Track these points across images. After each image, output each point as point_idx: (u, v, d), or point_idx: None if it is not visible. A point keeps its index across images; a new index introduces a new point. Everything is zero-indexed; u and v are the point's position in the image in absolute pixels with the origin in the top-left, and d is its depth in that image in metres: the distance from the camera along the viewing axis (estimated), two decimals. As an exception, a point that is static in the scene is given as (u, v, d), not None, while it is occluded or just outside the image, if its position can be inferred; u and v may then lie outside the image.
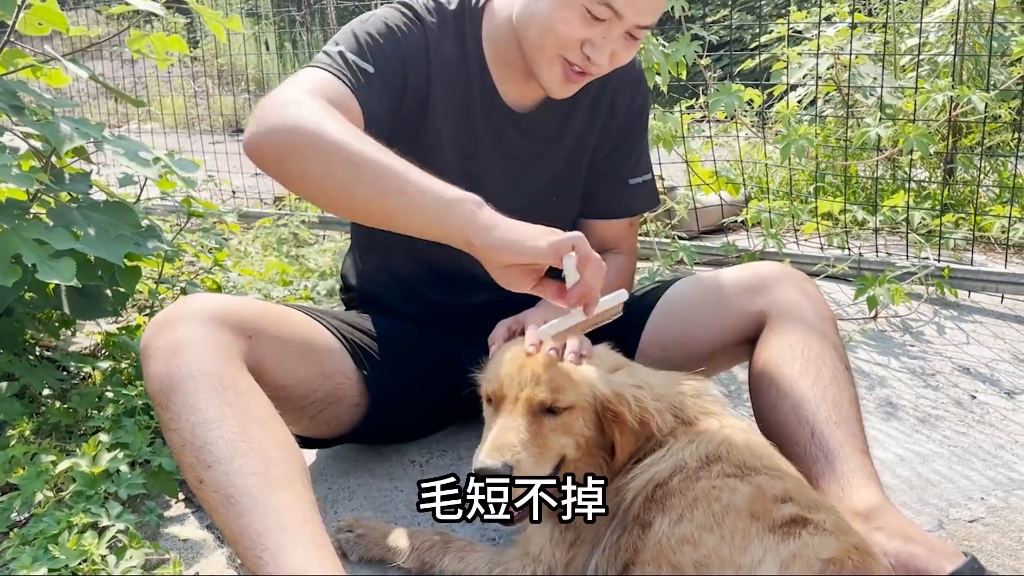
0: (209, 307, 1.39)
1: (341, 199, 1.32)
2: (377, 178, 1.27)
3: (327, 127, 1.30)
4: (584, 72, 1.56)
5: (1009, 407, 2.18)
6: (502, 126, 1.71)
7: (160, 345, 1.32)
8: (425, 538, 1.49)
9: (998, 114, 3.53)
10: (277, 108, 1.35)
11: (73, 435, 1.96)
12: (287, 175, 1.35)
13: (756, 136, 4.05)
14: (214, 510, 1.20)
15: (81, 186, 2.11)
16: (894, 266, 2.88)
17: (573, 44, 1.52)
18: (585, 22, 1.49)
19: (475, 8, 1.69)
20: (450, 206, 1.25)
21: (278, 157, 1.34)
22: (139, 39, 2.40)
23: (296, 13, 5.20)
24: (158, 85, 6.71)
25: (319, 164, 1.29)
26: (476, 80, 1.67)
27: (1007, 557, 1.55)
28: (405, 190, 1.26)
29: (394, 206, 1.27)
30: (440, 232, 1.27)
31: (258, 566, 1.14)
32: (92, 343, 2.54)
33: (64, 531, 1.47)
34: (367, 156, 1.27)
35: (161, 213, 3.66)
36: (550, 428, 1.31)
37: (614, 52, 1.53)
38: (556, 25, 1.51)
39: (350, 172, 1.28)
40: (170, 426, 1.27)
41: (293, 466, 1.25)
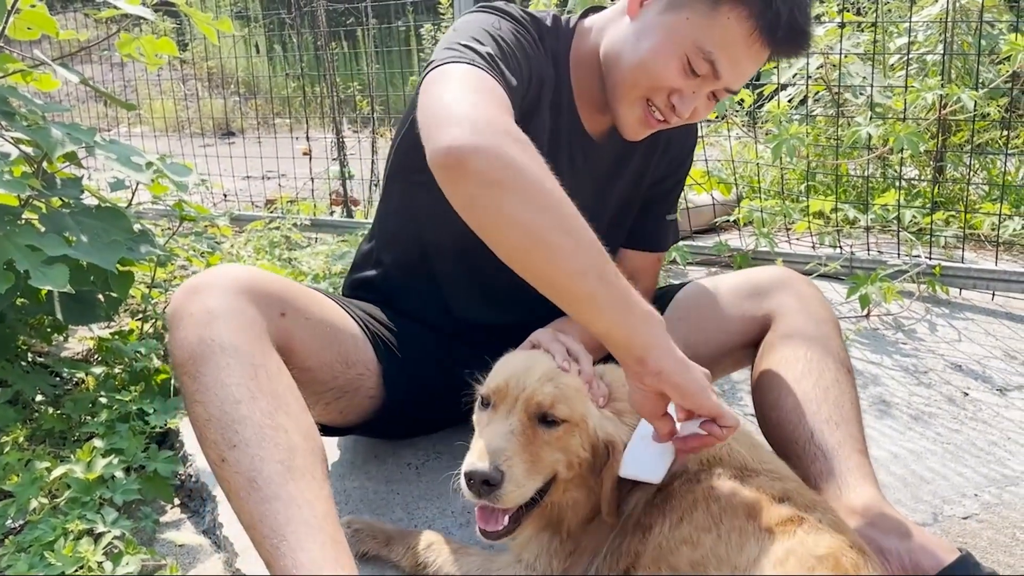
0: (244, 278, 1.36)
1: (530, 254, 1.19)
2: (587, 255, 1.18)
3: (548, 183, 1.20)
4: (663, 120, 1.54)
5: (1001, 404, 2.19)
6: (578, 152, 1.69)
7: (193, 311, 1.29)
8: (421, 538, 1.49)
9: (987, 112, 3.55)
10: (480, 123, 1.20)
11: (67, 441, 1.95)
12: (480, 201, 1.19)
13: (747, 136, 4.07)
14: (234, 492, 1.19)
15: (73, 191, 2.10)
16: (886, 264, 2.89)
17: (663, 90, 1.50)
18: (683, 72, 1.46)
19: (567, 28, 1.66)
20: (644, 318, 1.22)
21: (485, 182, 1.17)
22: (129, 42, 2.39)
23: (286, 15, 5.18)
24: (148, 88, 6.67)
25: (528, 212, 1.17)
26: (565, 104, 1.64)
27: (1001, 553, 1.56)
28: (608, 281, 1.19)
29: (587, 290, 1.19)
30: (625, 336, 1.20)
31: (274, 556, 1.14)
32: (85, 348, 2.53)
33: (60, 538, 1.46)
34: (585, 231, 1.19)
35: (152, 217, 3.66)
36: (544, 440, 1.28)
37: (696, 108, 1.52)
38: (654, 67, 1.48)
39: (564, 236, 1.17)
40: (196, 398, 1.24)
41: (315, 456, 1.24)
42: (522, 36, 1.53)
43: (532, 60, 1.53)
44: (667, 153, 1.81)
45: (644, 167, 1.79)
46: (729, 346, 1.73)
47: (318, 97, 5.98)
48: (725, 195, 3.70)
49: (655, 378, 1.21)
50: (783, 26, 1.41)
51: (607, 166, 1.74)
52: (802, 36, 1.46)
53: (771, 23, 1.41)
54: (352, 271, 1.92)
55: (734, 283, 1.75)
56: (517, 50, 1.49)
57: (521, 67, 1.48)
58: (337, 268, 3.17)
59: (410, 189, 1.72)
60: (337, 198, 4.60)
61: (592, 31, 1.63)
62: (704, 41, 1.43)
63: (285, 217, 4.00)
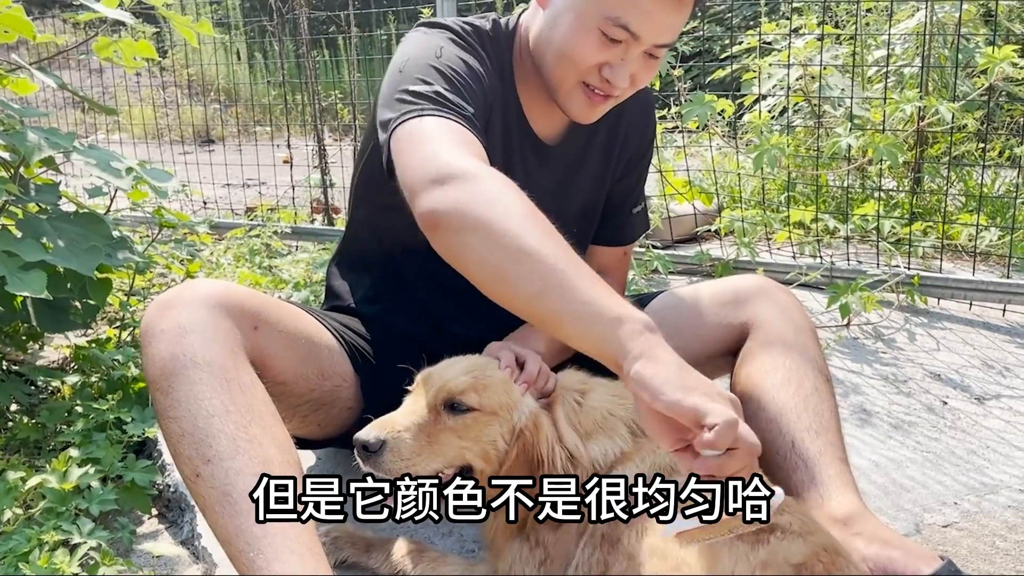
0: (217, 292, 1.35)
1: (495, 286, 1.22)
2: (541, 276, 1.16)
3: (511, 208, 1.21)
4: (607, 95, 1.54)
5: (979, 412, 2.21)
6: (531, 157, 1.68)
7: (165, 327, 1.27)
8: (399, 546, 1.48)
9: (964, 124, 3.59)
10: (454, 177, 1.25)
11: (42, 451, 1.92)
12: (453, 252, 1.25)
13: (728, 146, 4.09)
14: (208, 506, 1.17)
15: (50, 197, 2.08)
16: (865, 274, 2.91)
17: (592, 68, 1.49)
18: (602, 45, 1.46)
19: (508, 32, 1.65)
20: (611, 324, 1.11)
21: (453, 231, 1.23)
22: (107, 45, 2.37)
23: (268, 23, 5.16)
24: (127, 95, 6.63)
25: (486, 247, 1.20)
26: (513, 111, 1.64)
27: (981, 561, 1.57)
28: (567, 296, 1.14)
29: (551, 310, 1.16)
30: (595, 348, 1.14)
31: (250, 569, 1.12)
32: (61, 357, 2.49)
33: (35, 549, 1.44)
34: (539, 251, 1.17)
35: (131, 224, 3.62)
36: (448, 425, 1.31)
37: (634, 73, 1.51)
38: (573, 50, 1.48)
39: (515, 264, 1.17)
40: (169, 414, 1.23)
41: (291, 468, 1.23)
42: (467, 56, 1.53)
43: (481, 78, 1.53)
44: (627, 147, 1.81)
45: (604, 165, 1.79)
46: (706, 354, 1.72)
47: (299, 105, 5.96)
48: (706, 205, 3.72)
49: (633, 387, 1.07)
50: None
51: (564, 168, 1.74)
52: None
53: None
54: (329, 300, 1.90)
55: (711, 291, 1.75)
56: (466, 75, 1.49)
57: (474, 91, 1.48)
58: (318, 276, 3.15)
59: (378, 217, 1.74)
60: (318, 206, 4.58)
61: (523, 28, 1.64)
62: (610, 9, 1.42)
63: (265, 225, 3.97)
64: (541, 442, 1.30)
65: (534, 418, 1.32)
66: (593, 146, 1.76)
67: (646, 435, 1.33)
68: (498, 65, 1.61)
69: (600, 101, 1.55)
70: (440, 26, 1.58)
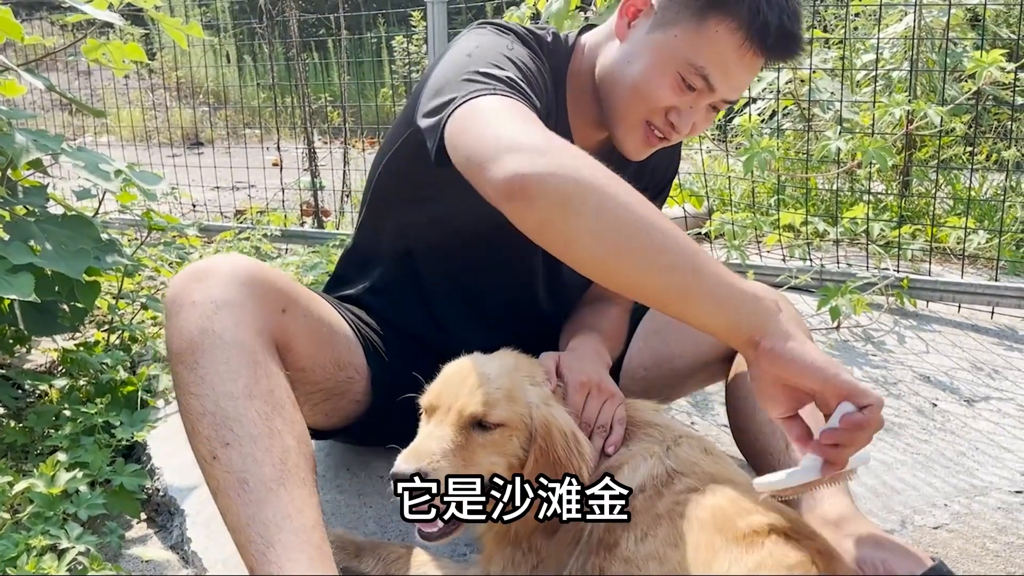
0: (250, 269, 1.32)
1: (612, 259, 1.15)
2: (671, 251, 1.13)
3: (616, 185, 1.16)
4: (664, 138, 1.54)
5: (969, 414, 2.22)
6: None
7: (196, 299, 1.25)
8: (392, 550, 1.47)
9: (953, 128, 3.62)
10: (538, 147, 1.17)
11: (30, 455, 1.90)
12: (555, 225, 1.16)
13: (718, 150, 4.10)
14: (222, 491, 1.16)
15: (38, 199, 2.06)
16: (855, 277, 2.92)
17: (660, 109, 1.49)
18: (677, 89, 1.45)
19: (566, 47, 1.64)
20: (750, 301, 1.14)
21: (553, 203, 1.14)
22: (96, 47, 2.36)
23: (257, 25, 5.15)
24: (115, 97, 6.60)
25: (605, 222, 1.13)
26: (560, 125, 1.62)
27: (971, 563, 1.58)
28: (700, 271, 1.13)
29: (681, 284, 1.14)
30: (727, 323, 1.14)
31: (259, 561, 1.11)
32: (48, 360, 2.47)
33: (22, 554, 1.42)
34: (663, 225, 1.14)
35: (120, 227, 3.60)
36: (479, 443, 1.27)
37: (695, 122, 1.51)
38: (648, 89, 1.47)
39: (643, 236, 1.13)
40: (191, 390, 1.21)
41: (306, 461, 1.22)
42: (533, 57, 1.52)
43: (545, 83, 1.52)
44: (654, 176, 1.82)
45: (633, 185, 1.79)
46: (703, 360, 1.73)
47: (289, 108, 5.95)
48: (697, 208, 3.73)
49: (769, 361, 1.13)
50: (773, 34, 1.41)
51: None
52: (794, 41, 1.45)
53: (761, 32, 1.40)
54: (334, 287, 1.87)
55: None
56: (535, 73, 1.48)
57: (540, 89, 1.47)
58: (308, 279, 3.14)
59: (401, 211, 1.69)
60: (308, 209, 4.57)
61: (586, 49, 1.63)
62: (695, 57, 1.42)
63: (255, 228, 3.96)
64: (557, 445, 1.30)
65: (545, 422, 1.31)
66: (627, 169, 1.74)
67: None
68: (552, 75, 1.60)
69: (656, 143, 1.55)
70: (507, 29, 1.55)
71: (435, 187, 1.59)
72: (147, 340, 2.54)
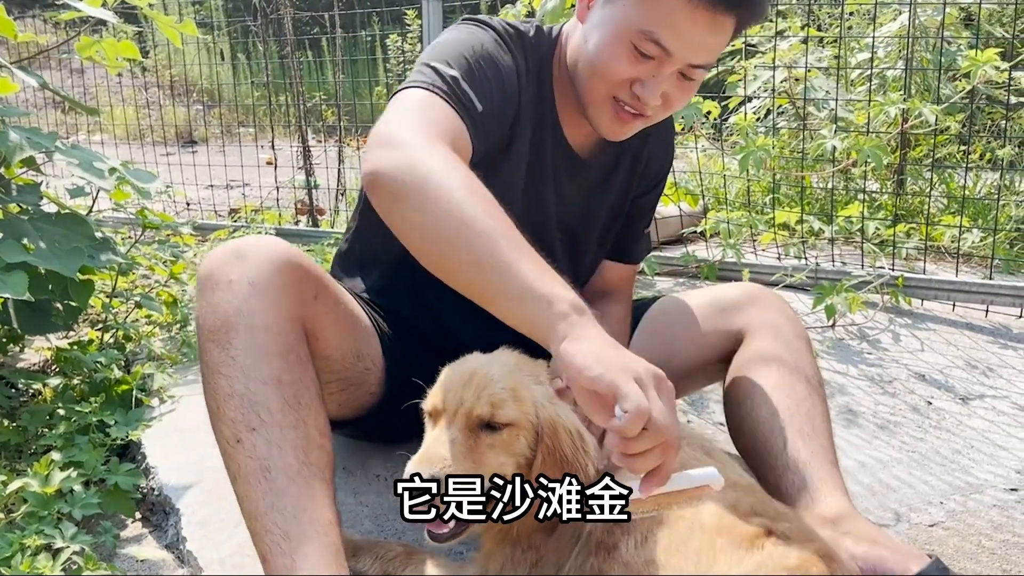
0: (287, 253, 1.31)
1: (432, 256, 1.22)
2: (478, 250, 1.14)
3: (451, 181, 1.19)
4: (638, 113, 1.50)
5: (964, 412, 2.22)
6: (563, 166, 1.66)
7: (233, 278, 1.25)
8: (388, 549, 1.47)
9: (947, 127, 3.62)
10: (403, 144, 1.24)
11: (23, 454, 1.89)
12: (392, 217, 1.24)
13: (713, 148, 4.11)
14: (243, 476, 1.16)
15: (31, 197, 2.05)
16: (850, 275, 2.93)
17: (622, 83, 1.46)
18: (633, 60, 1.42)
19: (549, 39, 1.63)
20: (542, 304, 1.11)
21: (392, 197, 1.22)
22: (89, 45, 2.35)
23: (251, 23, 5.14)
24: (108, 96, 6.57)
25: (424, 215, 1.18)
26: (548, 120, 1.61)
27: (967, 560, 1.58)
28: (502, 271, 1.13)
29: (482, 282, 1.16)
30: (526, 326, 1.13)
31: (273, 551, 1.12)
32: (42, 359, 2.46)
33: (17, 553, 1.42)
34: (477, 222, 1.15)
35: (113, 225, 3.59)
36: (487, 444, 1.27)
37: (666, 93, 1.47)
38: (605, 63, 1.45)
39: (452, 233, 1.16)
40: (221, 370, 1.20)
41: (327, 456, 1.23)
42: (504, 60, 1.51)
43: (509, 84, 1.51)
44: (648, 171, 1.82)
45: (628, 182, 1.79)
46: (702, 361, 1.74)
47: (283, 106, 5.94)
48: (692, 207, 3.73)
49: (563, 365, 1.08)
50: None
51: (592, 182, 1.73)
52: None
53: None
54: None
55: (706, 298, 1.77)
56: (494, 77, 1.47)
57: (494, 89, 1.46)
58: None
59: None
60: (302, 207, 4.56)
61: (564, 39, 1.62)
62: (644, 23, 1.39)
63: (249, 226, 3.95)
64: (564, 443, 1.29)
65: (551, 420, 1.30)
66: (621, 165, 1.75)
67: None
68: (536, 70, 1.59)
69: (628, 119, 1.52)
70: (486, 24, 1.56)
71: None
72: (141, 339, 2.53)
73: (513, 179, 1.60)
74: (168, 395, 2.21)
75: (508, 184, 1.58)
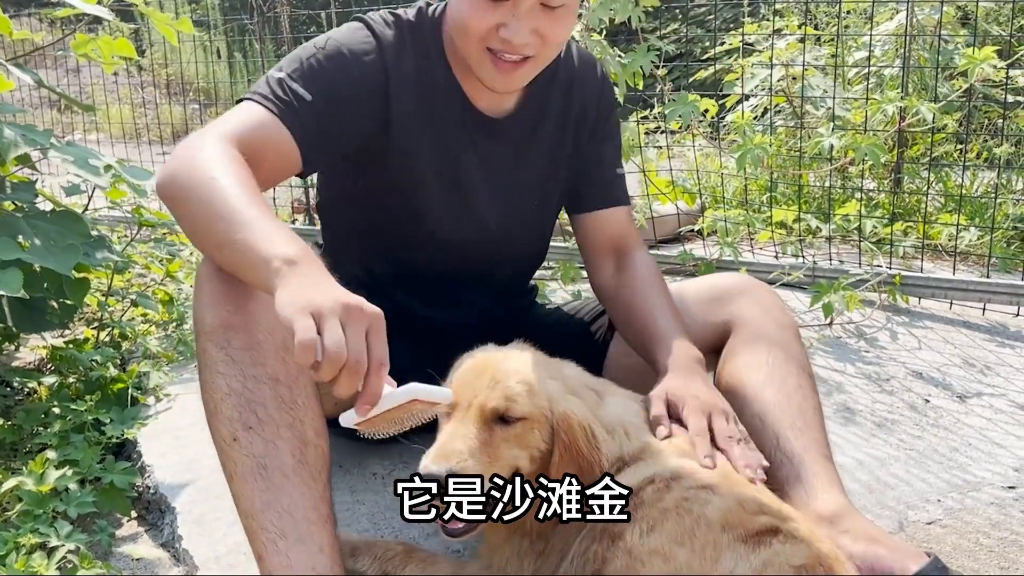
0: None
1: (200, 245, 1.29)
2: (219, 231, 1.19)
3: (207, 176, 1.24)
4: (520, 59, 1.51)
5: (961, 410, 2.22)
6: (476, 132, 1.68)
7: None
8: (388, 548, 1.47)
9: (944, 125, 3.62)
10: (186, 152, 1.31)
11: (19, 453, 1.89)
12: (176, 217, 1.32)
13: (711, 146, 4.10)
14: (239, 475, 1.16)
15: (26, 195, 2.05)
16: (847, 273, 2.92)
17: (488, 32, 1.47)
18: (488, 7, 1.45)
19: (433, 18, 1.66)
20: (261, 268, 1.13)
21: (171, 200, 1.30)
22: (85, 43, 2.34)
23: (248, 21, 5.12)
24: (104, 94, 6.55)
25: (187, 210, 1.26)
26: (443, 89, 1.63)
27: (965, 558, 1.58)
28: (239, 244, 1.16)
29: (232, 262, 1.21)
30: (264, 290, 1.15)
31: (269, 550, 1.12)
32: (37, 357, 2.45)
33: (11, 552, 1.41)
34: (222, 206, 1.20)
35: (109, 223, 3.58)
36: (502, 438, 1.28)
37: (538, 29, 1.47)
38: (465, 19, 1.47)
39: (203, 224, 1.23)
40: (219, 368, 1.21)
41: (323, 456, 1.23)
42: (359, 43, 1.55)
43: (362, 61, 1.54)
44: (585, 115, 1.79)
45: (561, 136, 1.76)
46: None
47: (280, 105, 5.91)
48: (689, 205, 3.72)
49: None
50: None
51: (517, 140, 1.72)
52: None
53: None
54: None
55: (695, 289, 1.76)
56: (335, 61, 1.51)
57: (335, 76, 1.50)
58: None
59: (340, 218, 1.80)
60: (299, 206, 4.55)
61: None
62: None
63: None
64: (579, 438, 1.29)
65: (565, 416, 1.30)
66: (547, 117, 1.74)
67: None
68: (423, 51, 1.61)
69: (510, 67, 1.52)
70: (359, 19, 1.61)
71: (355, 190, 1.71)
72: (137, 337, 2.53)
73: (412, 149, 1.62)
74: (164, 393, 2.21)
75: (409, 153, 1.62)
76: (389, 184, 1.64)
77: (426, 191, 1.64)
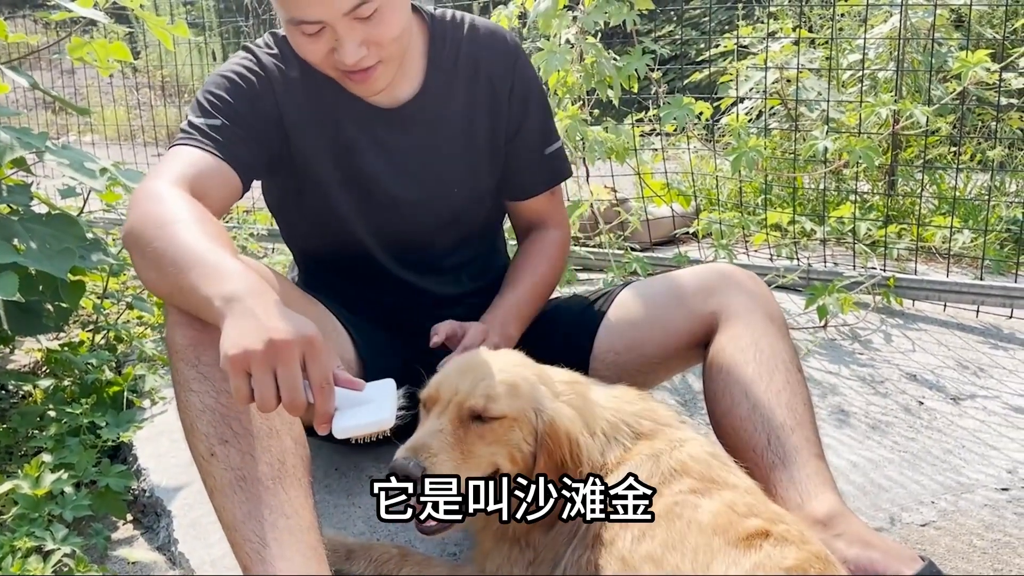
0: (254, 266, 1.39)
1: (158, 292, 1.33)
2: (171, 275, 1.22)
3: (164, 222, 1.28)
4: (359, 70, 1.52)
5: (955, 412, 2.23)
6: (381, 126, 1.68)
7: None
8: (383, 551, 1.47)
9: (938, 127, 3.64)
10: (140, 205, 1.34)
11: (14, 456, 1.89)
12: (136, 270, 1.35)
13: (705, 149, 4.11)
14: (219, 488, 1.17)
15: (21, 198, 2.04)
16: (842, 276, 2.93)
17: (324, 61, 1.52)
18: (311, 42, 1.48)
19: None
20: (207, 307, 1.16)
21: (131, 254, 1.32)
22: (81, 46, 2.34)
23: (243, 23, 5.12)
24: (99, 96, 6.55)
25: (144, 259, 1.28)
26: (330, 91, 1.64)
27: (959, 560, 1.59)
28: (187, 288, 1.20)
29: (185, 303, 1.24)
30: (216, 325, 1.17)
31: (254, 560, 1.12)
32: (32, 360, 2.45)
33: (7, 555, 1.41)
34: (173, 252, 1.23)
35: (105, 226, 3.58)
36: (477, 435, 1.28)
37: (364, 40, 1.48)
38: (304, 56, 1.54)
39: (155, 275, 1.27)
40: (192, 386, 1.22)
41: (303, 462, 1.23)
42: (244, 68, 1.60)
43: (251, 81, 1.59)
44: (499, 97, 1.77)
45: (472, 115, 1.75)
46: (676, 344, 1.71)
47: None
48: (684, 207, 3.73)
49: None
50: None
51: (425, 125, 1.72)
52: None
53: None
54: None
55: (678, 281, 1.73)
56: (230, 88, 1.57)
57: (234, 107, 1.55)
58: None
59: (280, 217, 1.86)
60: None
61: None
62: (283, 14, 1.48)
63: (241, 227, 3.94)
64: (564, 448, 1.29)
65: (552, 424, 1.30)
66: (452, 98, 1.73)
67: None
68: (300, 64, 1.62)
69: (363, 76, 1.54)
70: (243, 48, 1.67)
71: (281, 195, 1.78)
72: (132, 340, 2.53)
73: (311, 152, 1.66)
74: (159, 396, 2.21)
75: (309, 157, 1.66)
76: (300, 187, 1.70)
77: (331, 189, 1.68)
